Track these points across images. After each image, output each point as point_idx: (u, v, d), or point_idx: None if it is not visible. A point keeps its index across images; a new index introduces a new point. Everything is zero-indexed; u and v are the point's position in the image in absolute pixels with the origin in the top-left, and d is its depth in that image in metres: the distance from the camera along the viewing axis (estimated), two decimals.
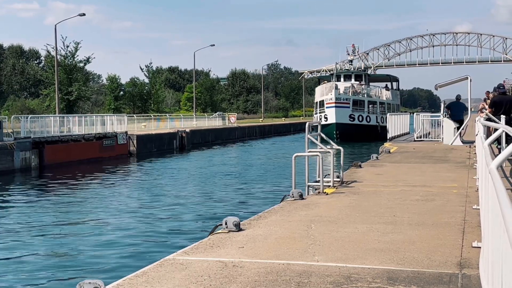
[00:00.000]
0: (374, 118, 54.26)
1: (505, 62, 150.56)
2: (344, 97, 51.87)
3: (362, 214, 8.39)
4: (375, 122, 54.07)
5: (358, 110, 52.88)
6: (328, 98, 51.40)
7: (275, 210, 8.99)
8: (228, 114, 71.29)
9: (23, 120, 31.55)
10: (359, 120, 52.46)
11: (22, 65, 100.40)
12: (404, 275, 5.27)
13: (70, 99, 58.86)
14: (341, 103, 50.97)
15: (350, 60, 66.86)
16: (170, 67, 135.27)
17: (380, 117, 54.34)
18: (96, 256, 12.12)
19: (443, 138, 24.75)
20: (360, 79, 58.36)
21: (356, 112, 52.36)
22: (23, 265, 11.65)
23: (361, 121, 52.62)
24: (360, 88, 55.92)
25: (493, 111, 16.56)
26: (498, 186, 2.69)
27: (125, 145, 38.84)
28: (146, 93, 76.10)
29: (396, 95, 63.17)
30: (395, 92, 63.50)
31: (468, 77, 24.42)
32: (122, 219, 16.35)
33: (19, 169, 28.75)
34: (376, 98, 57.15)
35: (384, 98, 58.57)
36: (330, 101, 50.96)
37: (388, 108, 56.87)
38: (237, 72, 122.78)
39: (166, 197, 20.76)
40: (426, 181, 12.24)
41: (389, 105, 58.26)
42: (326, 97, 52.14)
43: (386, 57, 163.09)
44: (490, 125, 11.98)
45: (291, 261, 5.81)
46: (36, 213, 17.55)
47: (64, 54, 58.62)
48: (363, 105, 53.88)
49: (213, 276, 5.32)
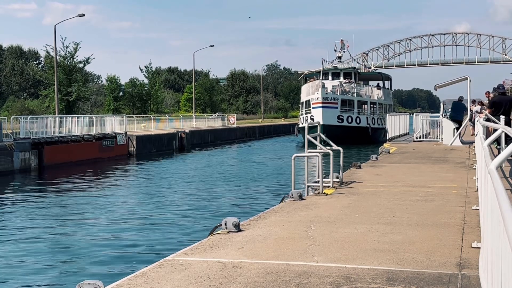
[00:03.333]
0: (364, 120, 50.34)
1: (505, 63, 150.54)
2: (331, 97, 48.04)
3: (361, 215, 8.39)
4: (366, 123, 50.14)
5: (347, 110, 49.09)
6: (314, 98, 47.68)
7: (274, 210, 8.99)
8: (227, 114, 71.28)
9: (23, 120, 31.54)
10: (348, 121, 48.58)
11: (22, 66, 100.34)
12: (404, 276, 5.27)
13: (70, 99, 58.86)
14: (329, 103, 47.14)
15: (339, 57, 60.37)
16: (169, 68, 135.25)
17: (371, 118, 51.20)
18: (96, 257, 12.12)
19: (443, 139, 24.77)
20: (349, 77, 54.42)
21: (344, 113, 48.54)
22: (22, 265, 11.64)
23: (350, 122, 48.72)
24: (349, 86, 52.04)
25: (492, 111, 16.56)
26: (498, 187, 2.70)
27: (124, 145, 38.84)
28: (145, 93, 76.09)
29: (388, 94, 59.78)
30: (388, 91, 59.91)
31: (467, 77, 24.43)
32: (121, 220, 16.35)
33: (18, 170, 28.74)
34: (367, 97, 53.23)
35: (376, 97, 54.78)
36: (316, 101, 47.24)
37: (379, 109, 54.04)
38: (236, 73, 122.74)
39: (165, 197, 20.75)
40: (426, 181, 12.24)
41: (380, 105, 54.95)
42: (312, 96, 48.38)
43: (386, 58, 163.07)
44: (490, 125, 11.99)
45: (291, 262, 5.81)
46: (35, 214, 17.54)
47: (64, 54, 58.64)
48: (352, 105, 49.99)
49: (213, 276, 5.32)
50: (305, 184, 11.38)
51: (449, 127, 24.36)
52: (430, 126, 29.00)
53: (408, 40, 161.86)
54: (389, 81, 62.14)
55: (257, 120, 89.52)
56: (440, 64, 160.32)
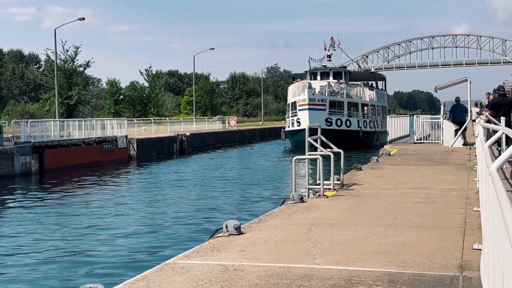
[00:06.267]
0: (355, 122, 46.69)
1: (505, 64, 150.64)
2: (319, 98, 44.44)
3: (362, 217, 8.39)
4: (357, 127, 46.46)
5: (336, 113, 45.42)
6: (300, 99, 44.09)
7: (275, 213, 8.98)
8: (228, 117, 71.29)
9: (23, 124, 31.54)
10: (337, 124, 44.76)
11: (22, 70, 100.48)
12: (405, 278, 5.26)
13: (70, 103, 58.95)
14: (316, 105, 43.59)
15: (329, 56, 55.53)
16: (169, 71, 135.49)
17: (362, 121, 47.72)
18: (97, 260, 12.11)
19: (443, 140, 24.76)
20: (339, 77, 50.68)
21: (333, 116, 44.83)
22: (23, 269, 11.63)
23: (339, 125, 44.92)
24: (339, 87, 48.18)
25: (492, 112, 16.57)
26: (498, 188, 2.70)
27: (125, 149, 38.84)
28: (146, 96, 76.18)
29: (382, 95, 56.03)
30: (381, 92, 56.18)
31: (467, 79, 24.47)
32: (122, 223, 16.34)
33: (19, 174, 28.74)
34: (358, 98, 49.42)
35: (367, 98, 51.01)
36: (303, 102, 43.65)
37: (372, 111, 50.89)
38: (236, 75, 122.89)
39: (166, 201, 20.74)
40: (427, 183, 12.24)
41: (373, 107, 51.47)
42: (298, 98, 44.73)
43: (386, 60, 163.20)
44: (490, 127, 11.99)
45: (292, 264, 5.80)
46: (36, 218, 17.53)
47: (64, 58, 58.74)
48: (342, 107, 46.30)
49: (214, 280, 5.32)
50: (306, 186, 11.38)
51: (450, 129, 24.36)
52: (431, 127, 29.02)
53: (408, 42, 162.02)
54: (383, 81, 59.12)
55: (258, 122, 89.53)
56: (440, 66, 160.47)
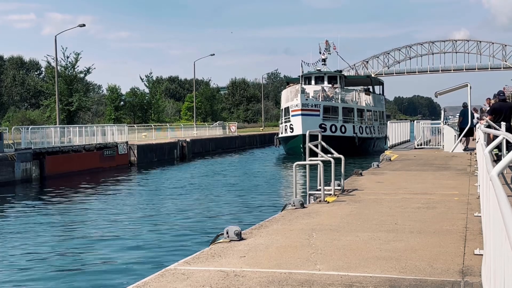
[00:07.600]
0: (350, 128, 44.95)
1: (505, 69, 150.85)
2: (312, 103, 42.92)
3: (363, 222, 8.38)
4: (352, 133, 44.76)
5: (331, 118, 43.80)
6: (293, 105, 42.46)
7: (276, 219, 8.98)
8: (228, 123, 71.30)
9: (24, 131, 31.57)
10: (331, 130, 42.84)
11: (23, 76, 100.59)
12: (406, 283, 5.25)
13: (71, 109, 58.96)
14: (309, 110, 42.00)
15: (323, 60, 53.13)
16: (170, 77, 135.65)
17: (358, 126, 45.97)
18: (97, 267, 12.09)
19: (444, 146, 24.75)
20: (334, 82, 48.84)
21: (327, 121, 43.07)
22: (23, 276, 11.61)
23: (334, 131, 43.03)
24: (333, 92, 46.43)
25: (493, 118, 16.57)
26: (499, 193, 2.69)
27: (125, 155, 38.85)
28: (146, 103, 76.22)
29: (379, 100, 53.95)
30: (378, 96, 54.22)
31: (468, 84, 24.46)
32: (123, 230, 16.32)
33: (20, 180, 28.73)
34: (353, 104, 47.70)
35: (364, 103, 49.23)
36: (295, 108, 42.03)
37: (368, 116, 49.52)
38: (237, 81, 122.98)
39: (167, 207, 20.73)
40: (427, 188, 12.23)
41: (370, 112, 49.94)
42: (291, 103, 43.03)
43: (386, 65, 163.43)
44: (491, 132, 11.99)
45: (293, 270, 5.80)
46: (37, 225, 17.51)
47: (65, 65, 58.81)
48: (336, 113, 44.63)
49: (215, 286, 5.31)
50: (306, 192, 11.38)
51: (450, 134, 24.36)
52: (431, 133, 29.02)
53: (408, 48, 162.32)
54: (380, 86, 57.31)
55: (258, 128, 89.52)
56: (440, 71, 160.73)
